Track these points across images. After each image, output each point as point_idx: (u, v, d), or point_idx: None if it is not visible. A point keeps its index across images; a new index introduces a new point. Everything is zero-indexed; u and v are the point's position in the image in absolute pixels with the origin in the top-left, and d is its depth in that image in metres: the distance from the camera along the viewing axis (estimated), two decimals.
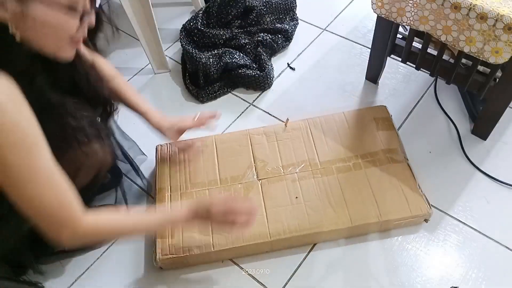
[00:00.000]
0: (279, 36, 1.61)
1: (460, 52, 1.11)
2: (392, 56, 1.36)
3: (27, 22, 0.65)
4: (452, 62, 1.19)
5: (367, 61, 1.44)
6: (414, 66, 1.28)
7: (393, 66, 1.51)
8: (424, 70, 1.30)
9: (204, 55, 1.53)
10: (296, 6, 1.71)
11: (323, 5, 1.76)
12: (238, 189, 1.19)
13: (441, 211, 1.18)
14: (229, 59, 1.50)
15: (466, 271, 1.08)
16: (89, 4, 0.71)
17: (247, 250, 1.11)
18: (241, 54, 1.55)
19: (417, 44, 1.25)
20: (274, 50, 1.60)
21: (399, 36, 1.29)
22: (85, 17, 0.71)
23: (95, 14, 0.75)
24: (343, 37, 1.64)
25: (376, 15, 1.16)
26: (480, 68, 1.16)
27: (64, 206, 0.74)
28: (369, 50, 1.39)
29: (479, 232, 1.14)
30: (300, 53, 1.62)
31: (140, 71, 1.63)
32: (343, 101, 1.44)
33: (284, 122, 1.33)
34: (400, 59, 1.31)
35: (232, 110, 1.47)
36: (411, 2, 1.06)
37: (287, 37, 1.64)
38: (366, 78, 1.49)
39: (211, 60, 1.51)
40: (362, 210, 1.12)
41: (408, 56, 1.28)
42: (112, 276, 1.14)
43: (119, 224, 0.87)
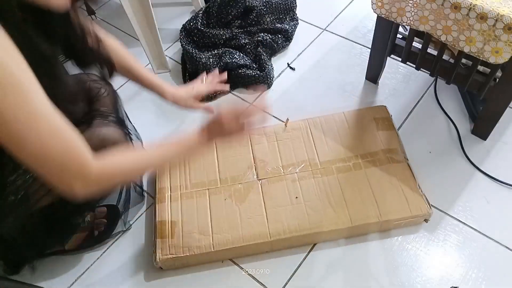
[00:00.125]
0: (279, 36, 1.61)
1: (460, 52, 1.11)
2: (392, 56, 1.36)
3: None
4: (452, 62, 1.19)
5: (367, 61, 1.44)
6: (414, 66, 1.28)
7: (393, 66, 1.51)
8: (424, 70, 1.30)
9: (204, 55, 1.53)
10: (296, 6, 1.71)
11: (323, 5, 1.76)
12: (238, 189, 1.19)
13: (441, 211, 1.18)
14: (229, 59, 1.50)
15: (466, 271, 1.08)
16: None
17: (247, 250, 1.11)
18: (241, 54, 1.55)
19: (417, 44, 1.25)
20: (274, 50, 1.60)
21: (399, 36, 1.29)
22: None
23: None
24: (343, 37, 1.64)
25: (376, 15, 1.15)
26: (480, 68, 1.16)
27: (70, 151, 0.69)
28: (369, 50, 1.39)
29: (479, 232, 1.14)
30: (300, 53, 1.62)
31: None
32: (343, 101, 1.44)
33: (284, 122, 1.33)
34: (400, 59, 1.31)
35: None
36: (411, 2, 1.06)
37: (287, 37, 1.64)
38: (366, 78, 1.49)
39: (211, 60, 1.51)
40: (362, 210, 1.12)
41: (408, 56, 1.28)
42: (112, 276, 1.14)
43: (133, 161, 0.81)
